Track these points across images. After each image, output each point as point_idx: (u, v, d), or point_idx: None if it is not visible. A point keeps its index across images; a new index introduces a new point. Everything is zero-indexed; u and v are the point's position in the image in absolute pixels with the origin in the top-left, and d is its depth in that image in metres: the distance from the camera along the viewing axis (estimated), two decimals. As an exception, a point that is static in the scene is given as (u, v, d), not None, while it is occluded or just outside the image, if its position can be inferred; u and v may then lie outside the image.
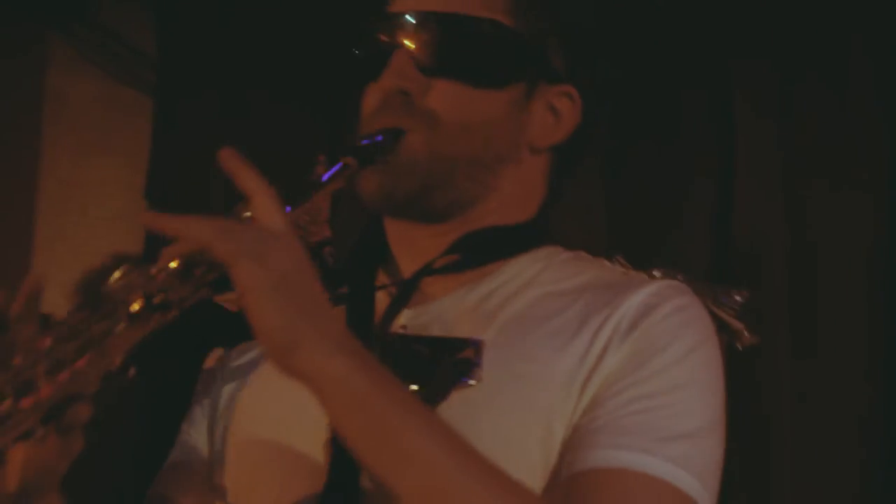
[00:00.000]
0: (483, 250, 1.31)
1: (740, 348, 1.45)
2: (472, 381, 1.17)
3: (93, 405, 0.97)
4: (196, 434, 1.37)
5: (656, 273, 1.28)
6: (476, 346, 1.20)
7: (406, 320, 1.27)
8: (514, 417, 1.16)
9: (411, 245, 1.32)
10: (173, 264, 0.96)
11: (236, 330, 1.00)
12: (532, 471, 1.14)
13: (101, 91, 2.70)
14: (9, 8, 2.62)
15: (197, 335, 1.36)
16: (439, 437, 1.03)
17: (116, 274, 0.96)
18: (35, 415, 0.91)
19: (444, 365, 1.17)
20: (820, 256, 2.06)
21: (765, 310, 1.95)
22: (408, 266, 1.32)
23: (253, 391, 1.32)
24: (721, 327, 1.31)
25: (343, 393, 0.99)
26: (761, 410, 2.01)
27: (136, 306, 0.94)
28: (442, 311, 1.27)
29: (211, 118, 2.58)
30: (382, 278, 1.33)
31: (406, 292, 1.28)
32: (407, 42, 1.28)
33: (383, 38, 1.30)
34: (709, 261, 2.12)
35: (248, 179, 1.00)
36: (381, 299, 1.30)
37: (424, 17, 1.29)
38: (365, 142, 1.24)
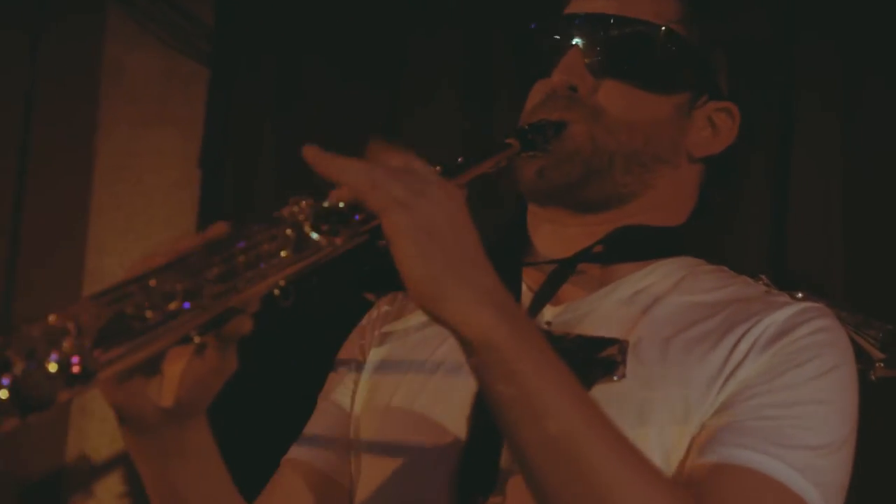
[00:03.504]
0: (635, 247, 1.32)
1: (874, 378, 1.47)
2: (615, 378, 1.20)
3: (253, 323, 0.97)
4: (340, 395, 1.39)
5: (800, 295, 1.29)
6: (621, 345, 1.22)
7: (551, 317, 1.28)
8: (653, 414, 1.17)
9: (559, 234, 1.33)
10: (341, 205, 0.96)
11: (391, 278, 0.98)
12: (664, 466, 1.15)
13: (158, 61, 2.71)
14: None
15: (352, 280, 1.37)
16: (578, 402, 1.01)
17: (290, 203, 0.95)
18: (197, 318, 0.89)
19: (587, 362, 1.17)
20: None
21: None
22: (552, 256, 1.32)
23: (401, 358, 1.34)
24: (858, 355, 1.31)
25: (485, 345, 0.96)
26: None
27: (305, 231, 0.94)
28: (586, 311, 1.28)
29: (265, 90, 2.59)
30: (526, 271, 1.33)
31: (557, 279, 1.29)
32: (580, 42, 1.30)
33: (556, 37, 1.32)
34: (763, 263, 2.06)
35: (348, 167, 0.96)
36: (525, 294, 1.30)
37: (599, 19, 1.31)
38: (529, 128, 1.26)
